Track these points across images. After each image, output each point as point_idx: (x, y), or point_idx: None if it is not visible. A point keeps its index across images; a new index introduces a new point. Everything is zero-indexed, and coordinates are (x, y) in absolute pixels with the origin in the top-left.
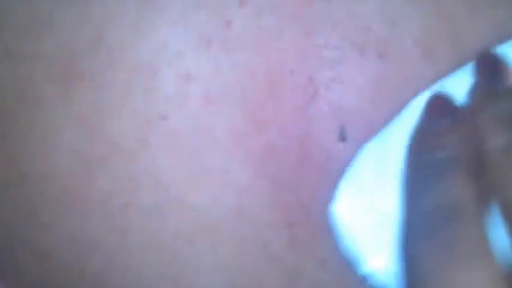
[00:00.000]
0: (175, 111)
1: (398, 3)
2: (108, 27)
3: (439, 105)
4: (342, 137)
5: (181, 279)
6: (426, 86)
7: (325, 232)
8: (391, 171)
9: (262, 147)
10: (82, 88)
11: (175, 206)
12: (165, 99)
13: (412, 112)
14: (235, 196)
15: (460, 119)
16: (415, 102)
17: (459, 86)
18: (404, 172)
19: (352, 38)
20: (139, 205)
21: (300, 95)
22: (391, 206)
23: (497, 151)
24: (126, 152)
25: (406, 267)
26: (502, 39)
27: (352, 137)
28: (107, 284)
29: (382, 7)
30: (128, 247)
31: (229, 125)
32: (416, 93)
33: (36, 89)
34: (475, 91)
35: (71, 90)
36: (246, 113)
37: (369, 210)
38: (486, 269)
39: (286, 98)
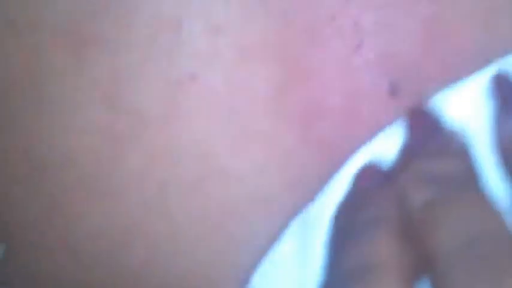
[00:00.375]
0: (206, 69)
1: None
2: None
3: (368, 174)
4: (393, 90)
5: (238, 260)
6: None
7: None
8: (314, 251)
9: (305, 105)
10: (96, 55)
11: (218, 178)
12: (193, 56)
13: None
14: (282, 163)
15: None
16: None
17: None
18: (327, 235)
19: None
20: (178, 182)
21: (344, 44)
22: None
23: (419, 208)
24: (153, 122)
25: None
26: None
27: (403, 90)
28: (152, 277)
29: None
30: (171, 231)
31: (268, 81)
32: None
33: (45, 60)
34: (404, 150)
35: (83, 58)
36: (285, 67)
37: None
38: None
39: (328, 47)
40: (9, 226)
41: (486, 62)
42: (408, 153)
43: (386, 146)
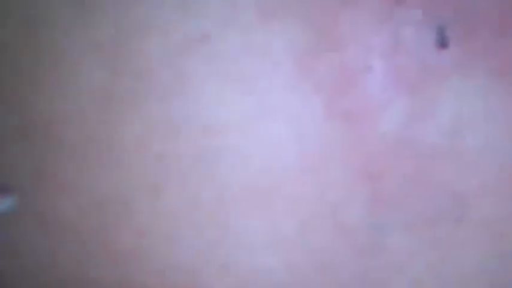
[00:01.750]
0: (219, 29)
1: None
2: None
3: None
4: (442, 42)
5: (230, 256)
6: None
7: (419, 184)
8: None
9: (335, 72)
10: (101, 7)
11: (224, 156)
12: (205, 14)
13: None
14: (300, 142)
15: None
16: None
17: None
18: None
19: None
20: (178, 155)
21: None
22: None
23: None
24: (157, 87)
25: None
26: None
27: (454, 41)
28: (140, 259)
29: None
30: (163, 210)
31: (292, 45)
32: None
33: (47, 12)
34: None
35: (87, 9)
36: (313, 27)
37: None
38: None
39: (363, 1)
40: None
41: None
42: None
43: None
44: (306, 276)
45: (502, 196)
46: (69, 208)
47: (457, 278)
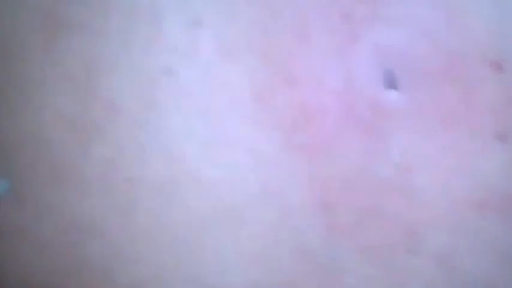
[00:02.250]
0: (183, 65)
1: None
2: None
3: None
4: (391, 83)
5: (196, 274)
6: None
7: (372, 215)
8: None
9: (291, 107)
10: (70, 39)
11: (189, 182)
12: (171, 51)
13: None
14: (259, 171)
15: None
16: None
17: None
18: None
19: None
20: (146, 180)
21: (335, 38)
22: None
23: None
24: (124, 116)
25: None
26: None
27: (403, 83)
28: (110, 275)
29: None
30: (133, 231)
31: (250, 80)
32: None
33: (18, 42)
34: None
35: (56, 41)
36: (270, 64)
37: None
38: None
39: (318, 42)
40: None
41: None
42: None
43: None
44: None
45: (449, 229)
46: (44, 225)
47: None
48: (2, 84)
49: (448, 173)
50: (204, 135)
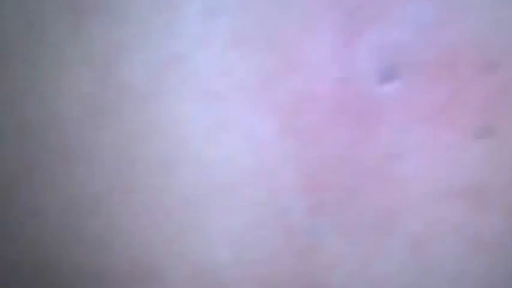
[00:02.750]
0: (196, 51)
1: None
2: None
3: None
4: (387, 77)
5: (186, 250)
6: None
7: (354, 199)
8: None
9: (290, 95)
10: (96, 22)
11: (188, 162)
12: (185, 37)
13: None
14: (255, 154)
15: None
16: None
17: None
18: None
19: None
20: (148, 160)
21: (340, 32)
22: None
23: None
24: (137, 99)
25: None
26: None
27: (397, 78)
28: (107, 249)
29: None
30: (131, 208)
31: (256, 67)
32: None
33: (46, 24)
34: None
35: (83, 24)
36: (277, 53)
37: None
38: None
39: (323, 35)
40: None
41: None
42: None
43: None
44: (252, 270)
45: (425, 215)
46: (48, 201)
47: (383, 275)
48: (25, 64)
49: (430, 164)
50: (206, 118)
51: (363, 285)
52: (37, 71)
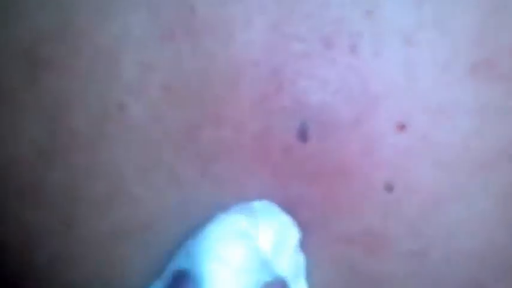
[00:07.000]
0: (134, 101)
1: None
2: (75, 12)
3: None
4: (303, 135)
5: (110, 281)
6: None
7: None
8: None
9: (214, 143)
10: (46, 77)
11: (123, 200)
12: (125, 88)
13: None
14: (178, 194)
15: None
16: None
17: None
18: None
19: (321, 30)
20: (89, 197)
21: (263, 89)
22: None
23: None
24: (85, 143)
25: None
26: None
27: (314, 136)
28: (52, 276)
29: None
30: (73, 240)
31: (184, 117)
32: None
33: (3, 76)
34: None
35: (36, 75)
36: (204, 105)
37: None
38: None
39: (247, 91)
40: None
41: None
42: None
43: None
44: None
45: None
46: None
47: None
48: None
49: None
50: (140, 161)
51: None
52: None
